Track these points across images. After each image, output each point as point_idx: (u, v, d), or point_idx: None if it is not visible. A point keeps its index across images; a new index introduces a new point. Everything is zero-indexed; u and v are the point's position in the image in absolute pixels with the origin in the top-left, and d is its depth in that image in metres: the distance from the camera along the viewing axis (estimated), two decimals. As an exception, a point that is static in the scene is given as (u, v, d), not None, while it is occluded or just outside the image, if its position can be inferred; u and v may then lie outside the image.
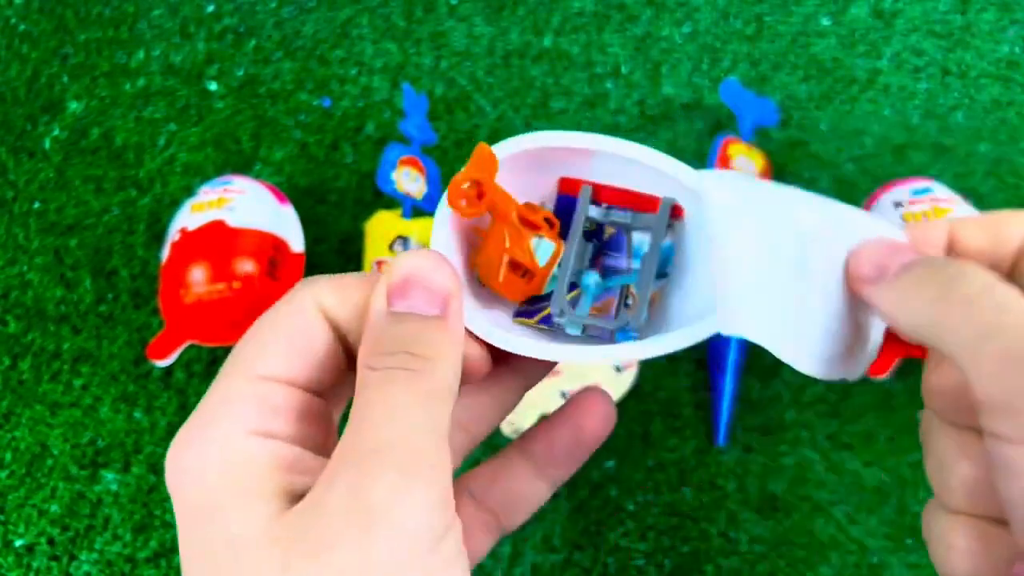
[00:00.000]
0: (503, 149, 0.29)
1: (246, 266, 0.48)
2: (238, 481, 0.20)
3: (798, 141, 0.57)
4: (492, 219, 0.29)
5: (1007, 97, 0.57)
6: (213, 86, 0.62)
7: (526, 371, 0.28)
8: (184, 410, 0.51)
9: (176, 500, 0.21)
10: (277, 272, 0.50)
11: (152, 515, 0.49)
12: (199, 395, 0.54)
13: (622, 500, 0.47)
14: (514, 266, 0.28)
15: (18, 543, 0.49)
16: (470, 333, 0.25)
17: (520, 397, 0.29)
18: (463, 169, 0.28)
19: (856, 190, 0.55)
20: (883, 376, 0.47)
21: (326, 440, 0.23)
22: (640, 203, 0.29)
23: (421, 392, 0.21)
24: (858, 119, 0.57)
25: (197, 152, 0.59)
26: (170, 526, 0.48)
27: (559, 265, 0.29)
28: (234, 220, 0.49)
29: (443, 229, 0.28)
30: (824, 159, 0.56)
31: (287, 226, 0.52)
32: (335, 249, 0.55)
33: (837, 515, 0.46)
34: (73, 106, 0.62)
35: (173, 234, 0.50)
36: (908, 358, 0.49)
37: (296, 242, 0.52)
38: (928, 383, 0.24)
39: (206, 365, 0.52)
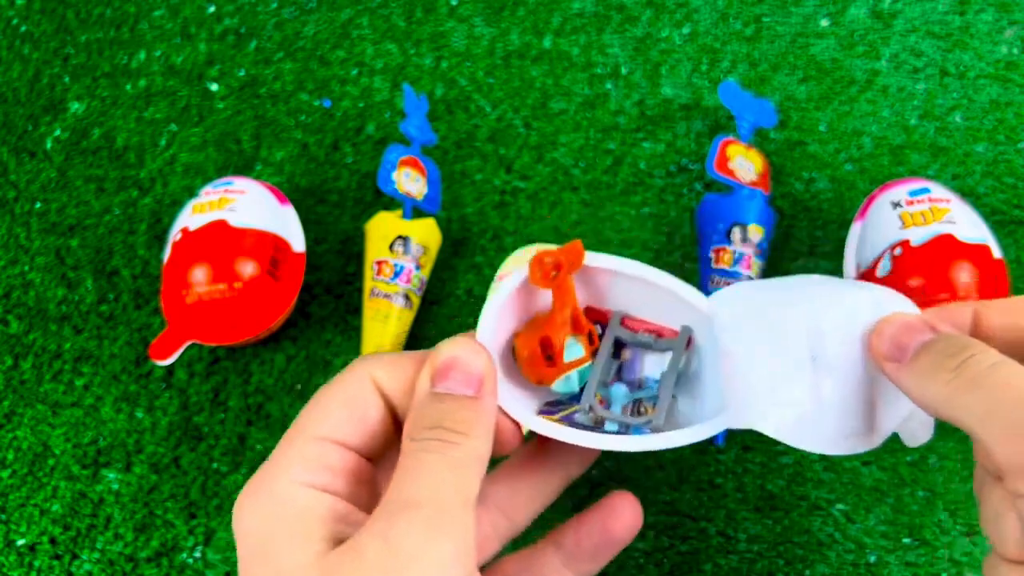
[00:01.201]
0: (593, 258, 0.34)
1: (247, 266, 0.48)
2: (292, 527, 0.24)
3: (797, 142, 0.57)
4: (552, 303, 0.33)
5: (1005, 98, 0.57)
6: (214, 87, 0.62)
7: (562, 462, 0.33)
8: (186, 409, 0.52)
9: (239, 542, 0.25)
10: (278, 272, 0.50)
11: (153, 514, 0.49)
12: (200, 395, 0.54)
13: (621, 499, 0.47)
14: (545, 346, 0.33)
15: (20, 542, 0.49)
16: (503, 411, 0.30)
17: (558, 489, 0.33)
18: (555, 248, 0.33)
19: (854, 190, 0.55)
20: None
21: (371, 500, 0.27)
22: (658, 330, 0.35)
23: (452, 460, 0.25)
24: (856, 120, 0.57)
25: (198, 152, 0.59)
26: (171, 525, 0.49)
27: (591, 371, 0.34)
28: (235, 220, 0.49)
29: (501, 296, 0.33)
30: (822, 159, 0.56)
31: (288, 226, 0.52)
32: (336, 249, 0.56)
33: (835, 514, 0.46)
34: (74, 106, 0.62)
35: (175, 234, 0.50)
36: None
37: (297, 242, 0.52)
38: (976, 440, 0.26)
39: (207, 365, 0.53)
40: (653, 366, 0.35)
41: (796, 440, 0.31)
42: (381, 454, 0.28)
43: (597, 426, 0.34)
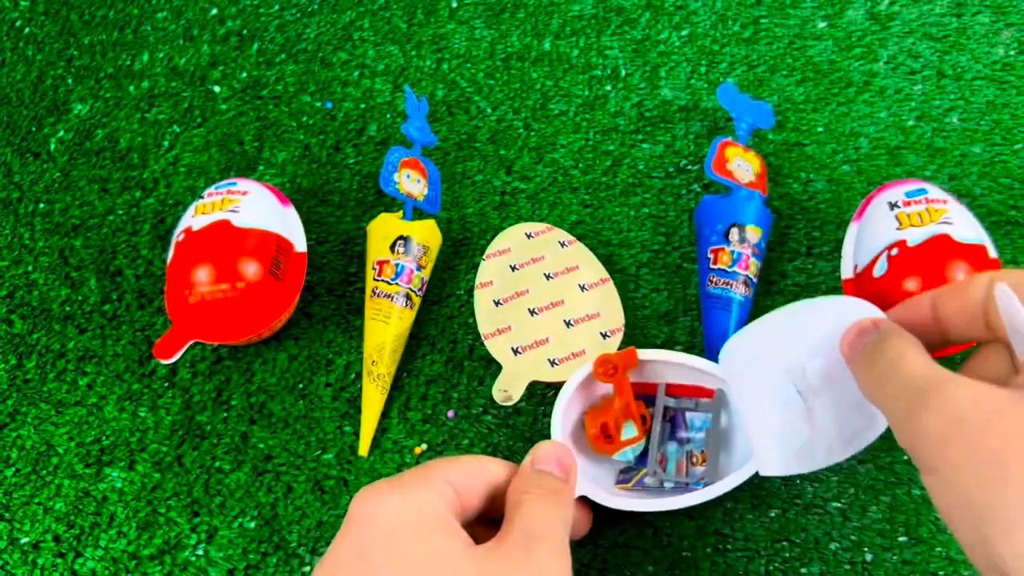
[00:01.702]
0: (643, 354, 0.46)
1: (250, 266, 0.49)
2: (440, 522, 0.31)
3: (794, 143, 0.57)
4: (614, 392, 0.45)
5: (1001, 99, 0.58)
6: (217, 88, 0.62)
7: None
8: (189, 408, 0.52)
9: (363, 527, 0.30)
10: (280, 272, 0.50)
11: (156, 512, 0.49)
12: (203, 393, 0.54)
13: (620, 497, 0.48)
14: (604, 428, 0.44)
15: (24, 540, 0.49)
16: (580, 503, 0.41)
17: None
18: (615, 352, 0.45)
19: (851, 191, 0.55)
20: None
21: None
22: (696, 392, 0.47)
23: (560, 505, 0.35)
24: (854, 121, 0.58)
25: (201, 154, 0.60)
26: (174, 523, 0.49)
27: (651, 441, 0.46)
28: (238, 221, 0.50)
29: (570, 388, 0.46)
30: (820, 161, 0.57)
31: (290, 227, 0.52)
32: (337, 250, 0.56)
33: (831, 512, 0.47)
34: (78, 108, 0.62)
35: (178, 235, 0.51)
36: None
37: (299, 242, 0.52)
38: None
39: (210, 364, 0.53)
40: (697, 421, 0.47)
41: (810, 466, 0.39)
42: (474, 513, 0.36)
43: (661, 485, 0.45)
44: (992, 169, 0.55)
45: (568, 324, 0.48)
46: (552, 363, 0.47)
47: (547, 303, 0.49)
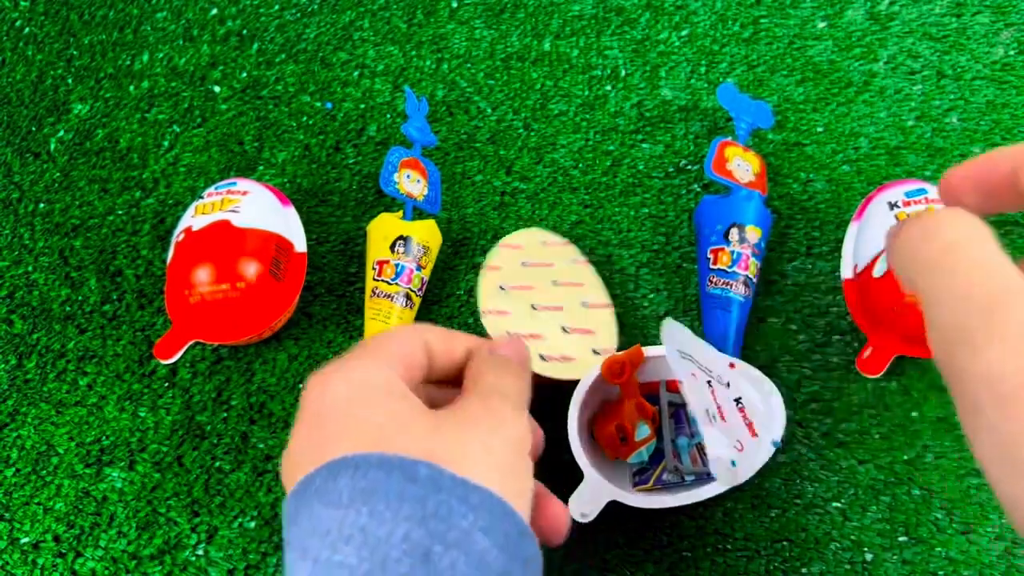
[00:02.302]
0: (647, 350, 0.46)
1: (250, 266, 0.49)
2: (392, 388, 0.30)
3: (794, 143, 0.57)
4: (621, 394, 0.46)
5: (1001, 99, 0.58)
6: (217, 88, 0.62)
7: None
8: (189, 408, 0.52)
9: (319, 410, 0.29)
10: (281, 272, 0.50)
11: (156, 512, 0.49)
12: (203, 393, 0.54)
13: (620, 497, 0.48)
14: (619, 431, 0.45)
15: (24, 540, 0.49)
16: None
17: None
18: (622, 352, 0.45)
19: (851, 191, 0.55)
20: (877, 375, 0.48)
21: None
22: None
23: (522, 379, 0.33)
24: (854, 121, 0.58)
25: (201, 154, 0.60)
26: (174, 523, 0.49)
27: (663, 437, 0.46)
28: (238, 221, 0.50)
29: (581, 391, 0.46)
30: (820, 161, 0.57)
31: (290, 227, 0.52)
32: (337, 250, 0.56)
33: (831, 512, 0.47)
34: (78, 108, 0.62)
35: (178, 235, 0.51)
36: (901, 357, 0.50)
37: (299, 243, 0.52)
38: None
39: (210, 364, 0.53)
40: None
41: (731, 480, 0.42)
42: (418, 383, 0.33)
43: (683, 480, 0.45)
44: (992, 169, 0.55)
45: (564, 330, 0.49)
46: (542, 358, 0.47)
47: (549, 304, 0.50)
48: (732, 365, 0.43)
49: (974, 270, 0.23)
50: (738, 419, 0.42)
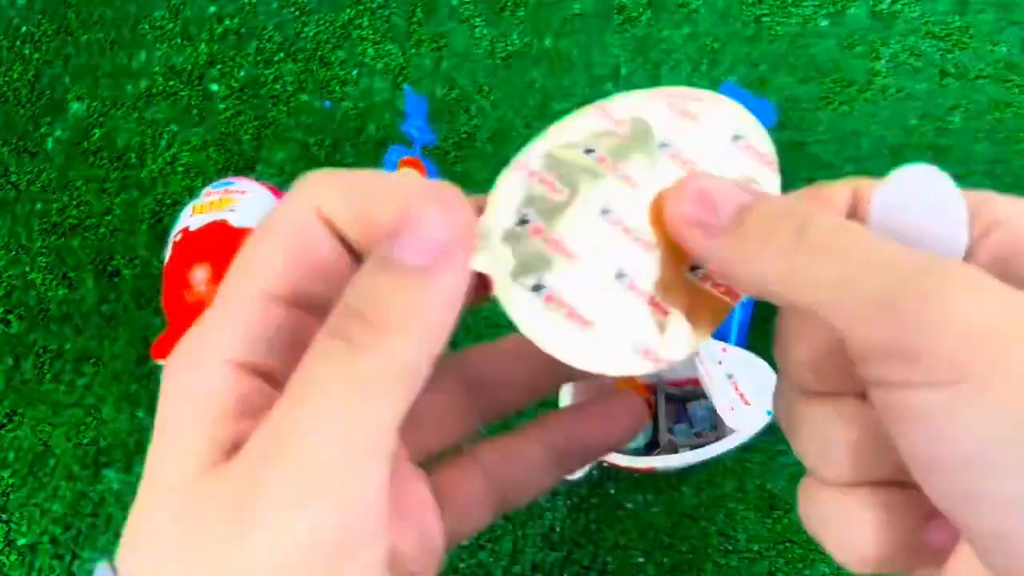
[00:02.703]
0: None
1: (248, 266, 0.49)
2: (193, 421, 0.18)
3: (797, 142, 0.57)
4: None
5: (1005, 98, 0.57)
6: (215, 87, 0.62)
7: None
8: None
9: (161, 397, 0.19)
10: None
11: (154, 514, 0.49)
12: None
13: (621, 498, 0.47)
14: None
15: (21, 542, 0.49)
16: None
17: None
18: None
19: (854, 191, 0.55)
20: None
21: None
22: (695, 383, 0.47)
23: (357, 377, 0.16)
24: (856, 120, 0.57)
25: (199, 153, 0.59)
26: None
27: (655, 423, 0.48)
28: (236, 220, 0.50)
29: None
30: (822, 160, 0.56)
31: (288, 226, 0.52)
32: (336, 249, 0.56)
33: (835, 514, 0.46)
34: (75, 107, 0.62)
35: (175, 234, 0.51)
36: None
37: (297, 242, 0.52)
38: (791, 354, 0.20)
39: (208, 365, 0.53)
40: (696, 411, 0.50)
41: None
42: (332, 300, 0.19)
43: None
44: (996, 168, 0.55)
45: (620, 277, 0.18)
46: (544, 297, 0.18)
47: (633, 225, 0.19)
48: (724, 349, 0.43)
49: (880, 259, 0.18)
50: (731, 390, 0.43)
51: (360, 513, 0.16)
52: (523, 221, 0.20)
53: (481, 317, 0.51)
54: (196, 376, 0.18)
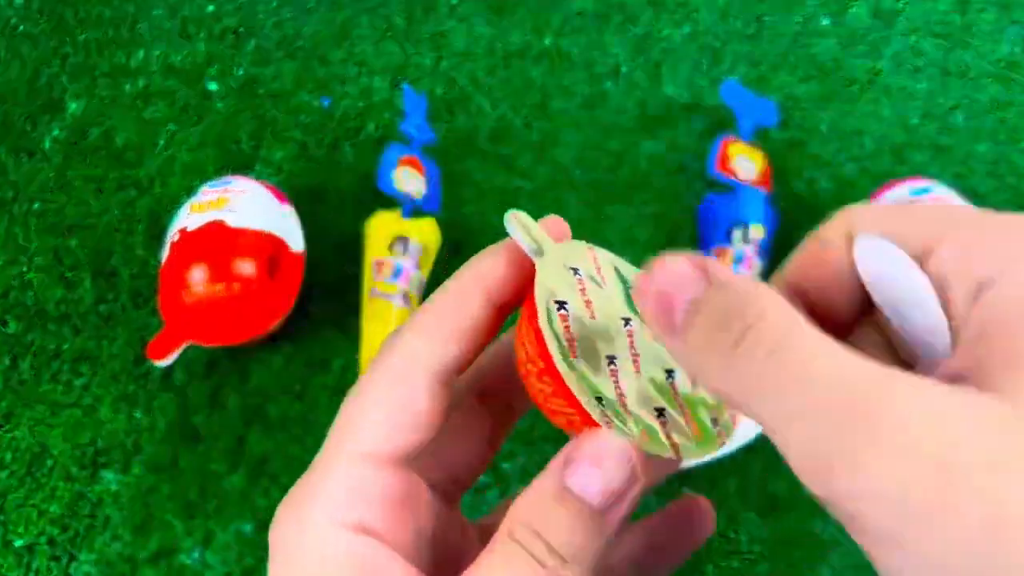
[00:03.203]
0: None
1: (245, 266, 0.48)
2: (350, 553, 0.20)
3: (798, 141, 0.57)
4: None
5: (1006, 97, 0.57)
6: (213, 86, 0.62)
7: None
8: (184, 410, 0.51)
9: (272, 564, 0.22)
10: (277, 272, 0.50)
11: (152, 515, 0.49)
12: (199, 395, 0.54)
13: (622, 500, 0.47)
14: None
15: (18, 543, 0.49)
16: None
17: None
18: None
19: (856, 190, 0.55)
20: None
21: (407, 521, 0.22)
22: None
23: (591, 534, 0.19)
24: (858, 119, 0.57)
25: (197, 152, 0.59)
26: (170, 526, 0.48)
27: None
28: (234, 220, 0.49)
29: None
30: (824, 159, 0.56)
31: (287, 226, 0.52)
32: (335, 249, 0.55)
33: (837, 515, 0.46)
34: (73, 106, 0.62)
35: (173, 234, 0.50)
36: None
37: (296, 242, 0.52)
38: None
39: (206, 365, 0.52)
40: None
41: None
42: (431, 436, 0.22)
43: None
44: (998, 167, 0.55)
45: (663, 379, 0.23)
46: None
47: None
48: None
49: (817, 378, 0.16)
50: None
51: None
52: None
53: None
54: (313, 537, 0.20)
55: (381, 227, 0.52)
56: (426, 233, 0.52)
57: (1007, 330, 0.15)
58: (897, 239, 0.18)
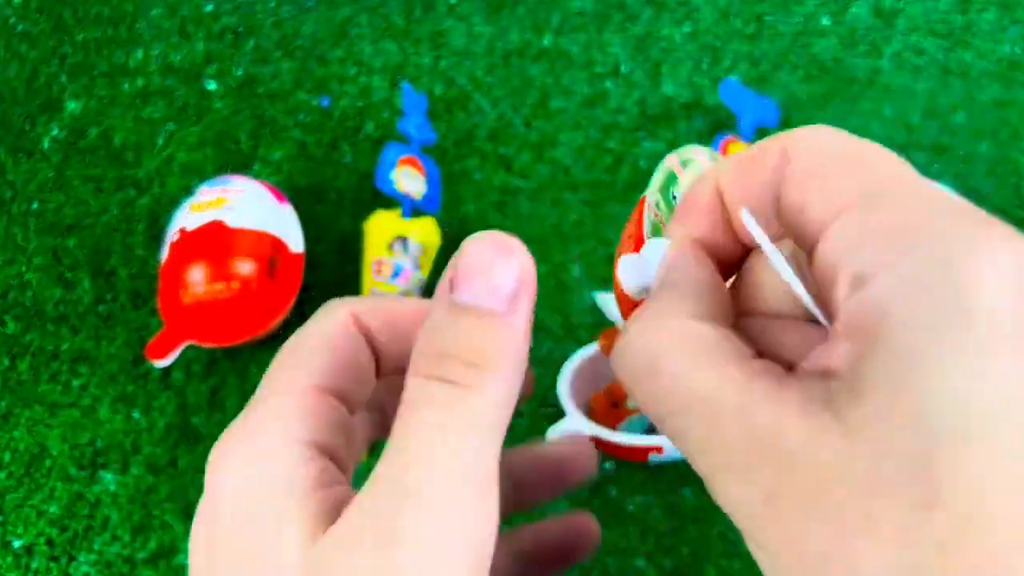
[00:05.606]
0: None
1: (245, 266, 0.48)
2: (281, 498, 0.19)
3: (798, 141, 0.57)
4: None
5: (1007, 97, 0.57)
6: (212, 86, 0.62)
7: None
8: (183, 410, 0.51)
9: (212, 501, 0.20)
10: (276, 272, 0.49)
11: (151, 516, 0.49)
12: (198, 395, 0.54)
13: (622, 501, 0.47)
14: (610, 394, 0.45)
15: (17, 544, 0.49)
16: None
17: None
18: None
19: (856, 190, 0.55)
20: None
21: (348, 457, 0.22)
22: None
23: (465, 420, 0.18)
24: (859, 118, 0.57)
25: (196, 152, 0.59)
26: (169, 527, 0.48)
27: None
28: (233, 220, 0.49)
29: (574, 360, 0.46)
30: (824, 159, 0.56)
31: (286, 226, 0.51)
32: (334, 249, 0.55)
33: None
34: (72, 106, 0.62)
35: (172, 234, 0.50)
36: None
37: (295, 242, 0.52)
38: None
39: (205, 366, 0.52)
40: None
41: None
42: (359, 404, 0.23)
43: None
44: (998, 167, 0.55)
45: None
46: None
47: None
48: None
49: (718, 416, 0.16)
50: None
51: (491, 533, 0.18)
52: None
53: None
54: (270, 460, 0.20)
55: (380, 227, 0.52)
56: (426, 233, 0.52)
57: (872, 335, 0.15)
58: (811, 201, 0.17)
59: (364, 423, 0.26)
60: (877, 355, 0.14)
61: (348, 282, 0.54)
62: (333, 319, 0.22)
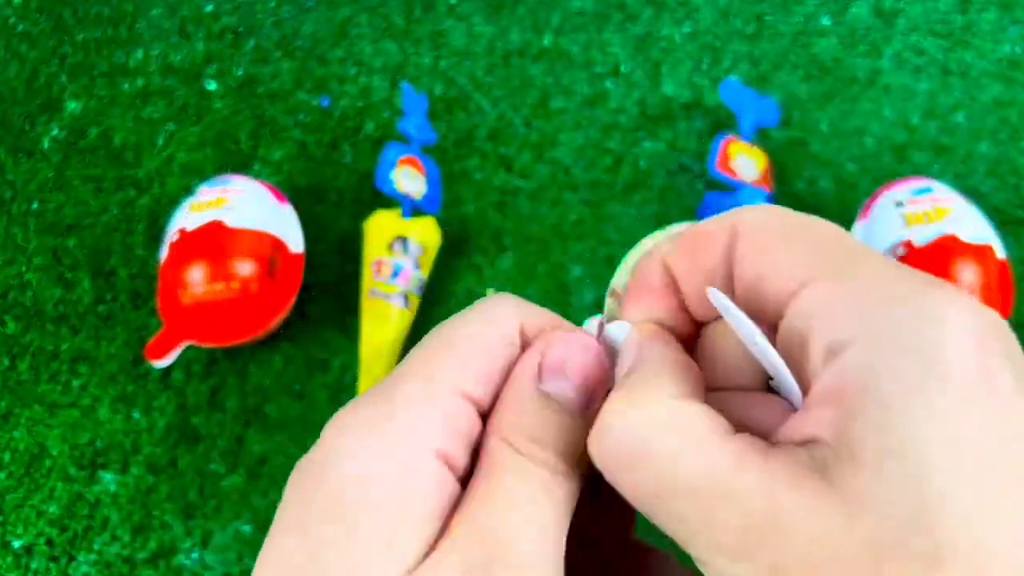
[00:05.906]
0: None
1: (244, 266, 0.48)
2: (400, 510, 0.18)
3: (799, 141, 0.57)
4: None
5: (1008, 96, 0.57)
6: (212, 86, 0.61)
7: None
8: (183, 410, 0.51)
9: (325, 478, 0.19)
10: (276, 272, 0.49)
11: (151, 516, 0.49)
12: (198, 395, 0.53)
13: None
14: None
15: (16, 544, 0.49)
16: None
17: None
18: None
19: (857, 190, 0.54)
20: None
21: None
22: None
23: (555, 500, 0.19)
24: (859, 118, 0.57)
25: (196, 152, 0.59)
26: (169, 527, 0.48)
27: None
28: (232, 220, 0.49)
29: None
30: (825, 158, 0.56)
31: (286, 226, 0.51)
32: (334, 249, 0.55)
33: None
34: (72, 106, 0.62)
35: (172, 234, 0.50)
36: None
37: (295, 242, 0.51)
38: None
39: (205, 366, 0.52)
40: None
41: None
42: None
43: None
44: (999, 167, 0.55)
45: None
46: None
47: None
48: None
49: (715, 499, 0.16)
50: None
51: None
52: None
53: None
54: (405, 468, 0.19)
55: (380, 227, 0.52)
56: (426, 233, 0.52)
57: (857, 400, 0.15)
58: (769, 273, 0.17)
59: None
60: (867, 419, 0.15)
61: (348, 282, 0.54)
62: (502, 327, 0.21)
